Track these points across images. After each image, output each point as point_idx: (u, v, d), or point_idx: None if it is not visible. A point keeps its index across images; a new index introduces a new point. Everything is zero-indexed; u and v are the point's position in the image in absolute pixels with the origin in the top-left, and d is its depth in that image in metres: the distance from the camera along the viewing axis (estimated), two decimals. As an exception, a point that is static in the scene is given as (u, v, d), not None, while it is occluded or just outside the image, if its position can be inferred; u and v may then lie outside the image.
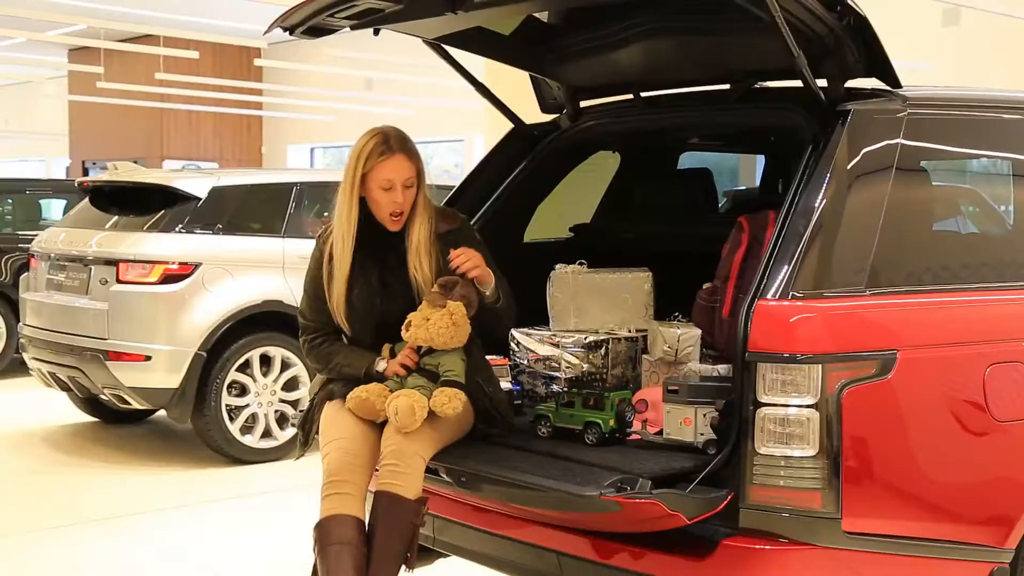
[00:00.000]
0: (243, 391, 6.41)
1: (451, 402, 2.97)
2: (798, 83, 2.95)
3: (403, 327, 3.08)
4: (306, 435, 3.28)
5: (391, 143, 3.13)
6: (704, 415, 2.80)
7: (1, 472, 6.33)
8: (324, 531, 2.94)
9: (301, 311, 3.31)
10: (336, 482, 2.98)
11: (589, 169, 4.26)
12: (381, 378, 3.12)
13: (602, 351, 3.41)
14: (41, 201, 10.91)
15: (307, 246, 6.41)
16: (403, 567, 2.97)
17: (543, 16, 3.60)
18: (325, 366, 3.24)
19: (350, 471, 3.00)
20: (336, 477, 2.99)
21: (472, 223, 3.57)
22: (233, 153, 21.89)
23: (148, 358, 6.14)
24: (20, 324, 7.18)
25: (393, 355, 3.15)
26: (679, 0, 3.23)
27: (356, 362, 3.17)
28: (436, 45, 3.52)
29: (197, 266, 6.28)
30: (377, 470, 3.06)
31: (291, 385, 6.57)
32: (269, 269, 6.54)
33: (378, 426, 3.07)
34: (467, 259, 3.09)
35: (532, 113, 3.98)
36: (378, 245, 3.21)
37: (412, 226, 3.18)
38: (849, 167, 2.78)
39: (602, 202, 4.63)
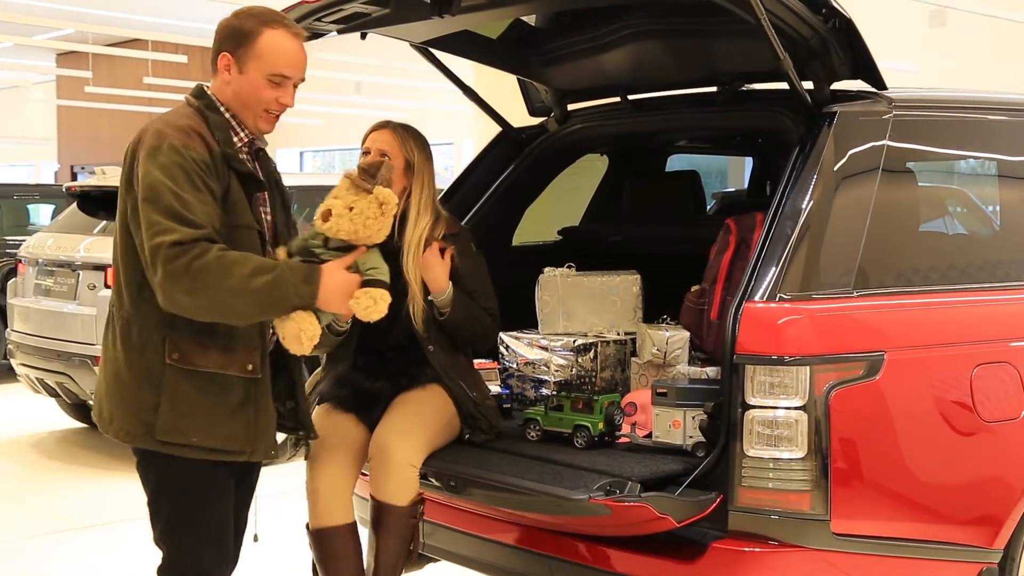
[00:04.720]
0: (233, 396, 6.37)
1: (376, 304, 2.59)
2: (784, 85, 2.96)
3: (319, 216, 2.66)
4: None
5: (388, 120, 3.32)
6: (693, 418, 2.80)
7: (-11, 479, 6.31)
8: (319, 543, 3.02)
9: None
10: (322, 488, 3.00)
11: (577, 172, 4.26)
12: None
13: (591, 354, 3.42)
14: (29, 206, 10.86)
15: (296, 250, 6.48)
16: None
17: (530, 20, 3.61)
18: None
19: (335, 476, 3.02)
20: (321, 482, 3.01)
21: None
22: (222, 157, 21.81)
23: (137, 363, 6.10)
24: (8, 330, 7.14)
25: (290, 255, 2.67)
26: (665, 3, 3.24)
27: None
28: (424, 49, 3.53)
29: (186, 271, 6.24)
30: (365, 474, 3.07)
31: (281, 389, 6.53)
32: (258, 273, 6.50)
33: (367, 427, 3.08)
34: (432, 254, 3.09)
35: (520, 116, 3.98)
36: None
37: (406, 225, 3.13)
38: (836, 169, 2.79)
39: (590, 205, 4.63)
